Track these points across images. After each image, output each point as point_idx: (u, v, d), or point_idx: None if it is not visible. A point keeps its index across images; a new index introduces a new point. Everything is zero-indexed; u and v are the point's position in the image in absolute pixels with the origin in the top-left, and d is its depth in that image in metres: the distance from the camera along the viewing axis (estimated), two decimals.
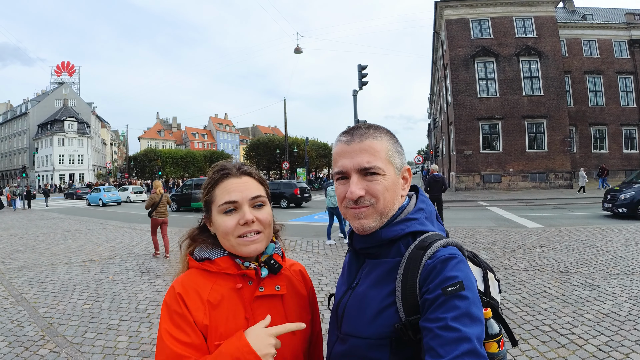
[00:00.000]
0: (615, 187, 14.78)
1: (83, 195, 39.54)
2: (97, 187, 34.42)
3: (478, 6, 29.47)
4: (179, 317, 1.00)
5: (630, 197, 13.07)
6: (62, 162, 70.16)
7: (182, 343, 0.97)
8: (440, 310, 0.84)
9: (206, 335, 1.01)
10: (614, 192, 14.03)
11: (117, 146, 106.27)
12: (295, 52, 28.13)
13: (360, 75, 17.24)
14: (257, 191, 1.11)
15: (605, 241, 8.92)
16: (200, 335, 1.00)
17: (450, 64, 29.87)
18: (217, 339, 1.01)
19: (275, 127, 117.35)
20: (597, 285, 5.79)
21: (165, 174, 56.92)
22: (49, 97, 76.20)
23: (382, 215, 1.01)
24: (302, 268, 1.31)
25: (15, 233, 13.79)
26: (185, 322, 1.00)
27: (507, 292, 5.67)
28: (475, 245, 9.10)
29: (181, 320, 1.00)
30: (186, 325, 0.99)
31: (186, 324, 0.99)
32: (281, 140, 48.33)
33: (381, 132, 1.05)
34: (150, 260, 8.67)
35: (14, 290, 6.47)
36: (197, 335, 0.99)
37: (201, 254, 1.13)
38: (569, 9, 36.41)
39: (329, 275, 6.93)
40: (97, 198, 30.69)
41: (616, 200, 13.50)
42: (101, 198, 30.30)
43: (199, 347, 0.99)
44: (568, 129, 28.98)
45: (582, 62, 32.42)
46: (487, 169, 29.20)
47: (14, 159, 76.41)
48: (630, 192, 13.21)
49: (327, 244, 9.94)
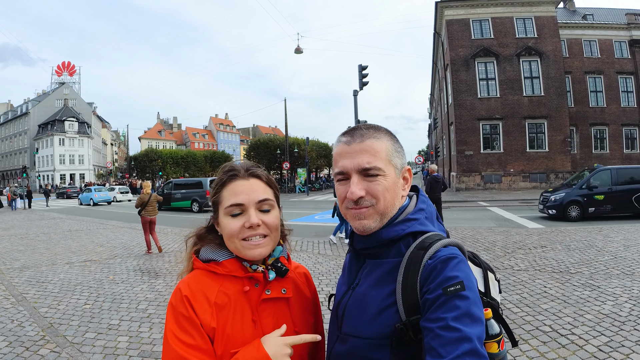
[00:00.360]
0: (549, 189, 15.31)
1: (73, 194, 41.41)
2: (88, 187, 36.09)
3: (478, 6, 29.47)
4: (185, 319, 0.99)
5: (560, 199, 13.41)
6: (63, 162, 70.19)
7: (188, 345, 0.96)
8: (441, 310, 0.84)
9: (213, 338, 1.01)
10: (546, 193, 14.45)
11: (117, 146, 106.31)
12: (296, 52, 28.12)
13: (361, 75, 17.24)
14: (264, 194, 1.10)
15: (605, 241, 8.92)
16: (206, 338, 0.99)
17: (451, 64, 29.86)
18: (224, 341, 1.01)
19: (275, 127, 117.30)
20: (597, 286, 5.79)
21: (165, 174, 56.90)
22: (50, 97, 76.26)
23: (382, 216, 1.01)
24: (306, 271, 1.31)
25: (15, 233, 13.81)
26: (192, 325, 0.99)
27: (507, 293, 5.67)
28: (476, 245, 9.10)
29: (187, 323, 0.99)
30: (192, 328, 0.98)
31: (192, 326, 0.99)
32: (282, 141, 48.25)
33: (381, 133, 1.05)
34: (151, 260, 8.67)
35: (15, 290, 6.47)
36: (204, 338, 0.99)
37: (207, 254, 1.12)
38: (569, 9, 36.36)
39: (330, 276, 6.93)
40: (88, 198, 31.87)
41: (547, 202, 13.91)
42: (92, 198, 31.54)
43: (206, 350, 0.98)
44: (568, 129, 28.97)
45: (582, 62, 32.37)
46: (487, 169, 29.19)
47: (15, 159, 76.45)
48: (560, 195, 13.55)
49: (330, 238, 10.36)
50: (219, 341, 1.00)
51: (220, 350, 1.00)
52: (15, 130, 78.25)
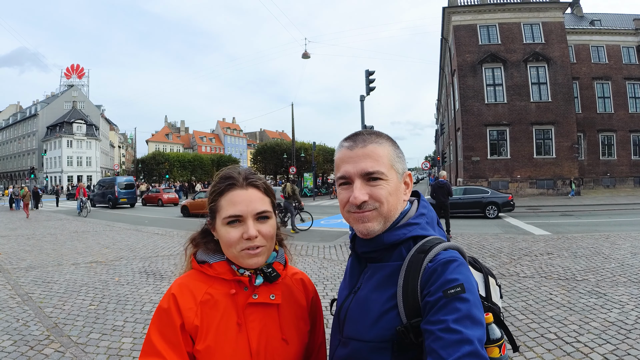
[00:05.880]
0: None
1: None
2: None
3: (486, 12, 29.45)
4: (165, 313, 1.04)
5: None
6: (71, 163, 70.77)
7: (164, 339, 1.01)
8: (442, 313, 0.84)
9: (195, 336, 1.03)
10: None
11: (125, 149, 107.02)
12: (303, 57, 28.17)
13: (368, 80, 17.23)
14: (262, 206, 1.10)
15: (612, 249, 8.84)
16: (178, 336, 1.02)
17: (458, 70, 29.83)
18: (207, 340, 1.03)
19: (282, 131, 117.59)
20: (603, 293, 5.73)
21: (172, 177, 57.12)
22: (58, 100, 77.02)
23: (385, 219, 1.02)
24: (304, 277, 1.30)
25: (22, 233, 13.91)
26: (170, 322, 1.03)
27: (512, 300, 5.63)
28: (482, 252, 9.06)
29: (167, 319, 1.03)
30: (169, 325, 1.02)
31: (170, 323, 1.02)
32: (288, 145, 48.37)
33: (383, 138, 1.06)
34: (157, 262, 8.70)
35: (21, 290, 6.51)
36: (177, 335, 1.02)
37: (202, 256, 1.15)
38: (577, 15, 36.28)
39: (334, 280, 6.92)
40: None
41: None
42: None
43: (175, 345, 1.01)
44: (576, 135, 28.81)
45: (590, 68, 32.28)
46: (494, 176, 29.05)
47: (23, 160, 77.16)
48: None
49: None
50: (201, 339, 1.03)
51: (201, 346, 1.02)
52: (24, 131, 79.03)
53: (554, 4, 28.78)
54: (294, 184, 14.46)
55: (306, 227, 13.89)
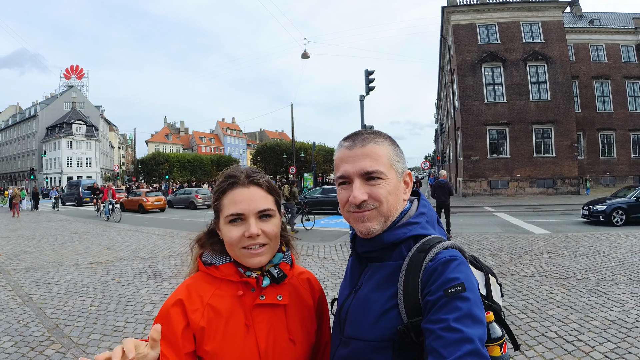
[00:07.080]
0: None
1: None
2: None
3: (485, 11, 29.43)
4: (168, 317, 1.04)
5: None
6: (70, 164, 70.73)
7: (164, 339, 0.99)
8: (442, 312, 0.84)
9: (202, 337, 1.03)
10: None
11: (124, 149, 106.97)
12: (303, 57, 28.16)
13: (367, 80, 17.19)
14: (264, 204, 1.10)
15: (612, 247, 8.85)
16: (178, 338, 1.01)
17: (458, 69, 29.81)
18: (215, 341, 1.03)
19: (282, 131, 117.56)
20: (604, 292, 5.74)
21: (172, 177, 57.16)
22: (58, 100, 76.92)
23: (385, 218, 1.02)
24: (310, 276, 1.30)
25: (23, 234, 13.91)
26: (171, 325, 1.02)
27: (513, 299, 5.63)
28: (482, 251, 9.06)
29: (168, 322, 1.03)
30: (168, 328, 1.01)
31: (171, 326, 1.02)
32: (288, 145, 48.41)
33: (382, 138, 1.06)
34: (157, 263, 8.70)
35: (21, 291, 6.51)
36: (175, 335, 1.01)
37: (208, 258, 1.15)
38: (576, 14, 36.24)
39: (335, 280, 6.92)
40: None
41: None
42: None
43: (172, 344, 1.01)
44: (576, 134, 28.79)
45: (589, 67, 32.24)
46: (494, 175, 29.04)
47: (23, 161, 77.09)
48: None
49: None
50: (208, 340, 1.03)
51: (209, 347, 1.02)
52: (24, 132, 78.98)
53: (553, 3, 28.77)
54: (293, 184, 14.43)
55: (310, 227, 14.13)
